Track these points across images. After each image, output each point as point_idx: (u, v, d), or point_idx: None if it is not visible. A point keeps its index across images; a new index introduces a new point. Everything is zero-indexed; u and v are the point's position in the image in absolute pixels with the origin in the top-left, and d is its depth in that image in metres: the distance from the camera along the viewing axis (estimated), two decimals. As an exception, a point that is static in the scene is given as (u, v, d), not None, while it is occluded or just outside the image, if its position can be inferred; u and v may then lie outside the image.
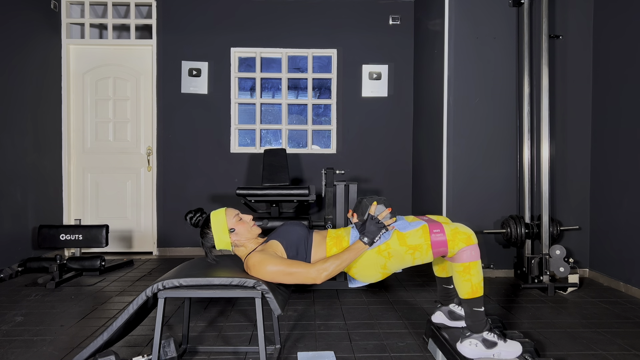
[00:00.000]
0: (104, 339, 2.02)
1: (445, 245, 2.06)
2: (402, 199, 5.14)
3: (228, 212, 2.19)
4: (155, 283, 1.99)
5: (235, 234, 2.14)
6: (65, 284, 3.72)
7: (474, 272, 2.08)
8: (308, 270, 1.98)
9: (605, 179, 3.75)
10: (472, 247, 2.08)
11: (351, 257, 2.02)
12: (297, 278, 1.98)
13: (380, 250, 2.07)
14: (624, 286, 3.48)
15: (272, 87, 5.14)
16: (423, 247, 2.06)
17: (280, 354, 2.33)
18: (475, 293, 2.09)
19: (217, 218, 2.15)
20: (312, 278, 1.98)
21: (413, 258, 2.08)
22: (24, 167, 4.26)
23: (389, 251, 2.07)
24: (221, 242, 2.14)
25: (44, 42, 4.61)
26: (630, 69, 3.46)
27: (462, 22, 3.89)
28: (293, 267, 1.98)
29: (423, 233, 2.07)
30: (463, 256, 2.07)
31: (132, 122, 5.01)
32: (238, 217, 2.17)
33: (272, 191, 3.98)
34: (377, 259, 2.09)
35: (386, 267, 2.10)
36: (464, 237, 2.06)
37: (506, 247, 3.98)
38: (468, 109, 3.92)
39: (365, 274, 2.14)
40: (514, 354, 2.05)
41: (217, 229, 2.14)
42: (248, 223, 2.17)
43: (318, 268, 1.98)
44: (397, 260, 2.08)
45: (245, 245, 2.16)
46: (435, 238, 2.06)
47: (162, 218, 4.97)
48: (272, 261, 1.98)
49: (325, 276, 1.98)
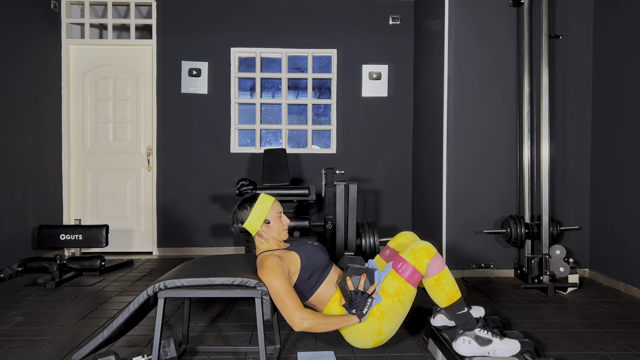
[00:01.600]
0: (104, 336, 2.03)
1: (415, 272, 2.09)
2: (402, 199, 5.14)
3: (275, 204, 2.22)
4: (156, 282, 1.99)
5: (268, 227, 2.18)
6: (65, 284, 3.72)
7: (444, 281, 2.12)
8: (293, 313, 1.97)
9: (605, 179, 3.75)
10: (435, 258, 2.12)
11: (339, 325, 2.04)
12: (282, 309, 2.00)
13: (373, 313, 2.10)
14: (624, 286, 3.49)
15: (272, 87, 5.14)
16: (402, 288, 2.09)
17: (280, 354, 2.33)
18: (452, 298, 2.13)
19: (263, 202, 2.18)
20: (292, 322, 1.98)
21: (402, 304, 2.11)
22: (24, 167, 4.26)
23: (381, 310, 2.09)
24: (252, 224, 2.17)
25: (44, 42, 4.61)
26: (630, 69, 3.46)
27: (462, 22, 3.89)
28: (286, 299, 1.98)
29: (393, 276, 2.11)
30: (431, 271, 2.12)
31: (132, 122, 5.01)
32: (279, 215, 2.21)
33: (272, 191, 3.98)
34: (371, 323, 2.11)
35: (381, 331, 2.13)
36: (423, 252, 2.10)
37: (506, 247, 3.98)
38: (468, 109, 3.92)
39: (357, 340, 2.18)
40: (510, 351, 2.05)
41: (257, 213, 2.16)
42: (283, 225, 2.21)
43: (303, 317, 1.97)
44: (391, 316, 2.11)
45: (268, 241, 2.19)
46: (405, 273, 2.10)
47: (162, 218, 4.97)
48: (280, 280, 1.99)
49: (304, 328, 1.98)
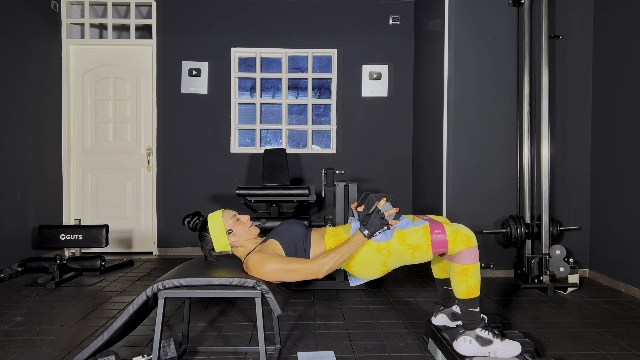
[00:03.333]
0: (104, 338, 2.03)
1: (445, 245, 2.06)
2: (402, 198, 5.14)
3: (225, 213, 2.17)
4: (155, 283, 1.98)
5: (234, 235, 2.12)
6: (65, 284, 3.72)
7: (471, 275, 2.09)
8: (309, 266, 1.97)
9: (605, 179, 3.75)
10: (472, 249, 2.08)
11: (350, 249, 2.01)
12: (298, 274, 1.97)
13: (380, 248, 2.07)
14: (624, 286, 3.49)
15: (272, 87, 5.14)
16: (423, 247, 2.06)
17: (280, 354, 2.33)
18: (470, 294, 2.10)
19: (214, 220, 2.14)
20: (314, 273, 1.97)
21: (413, 257, 2.08)
22: (24, 167, 4.26)
23: (389, 249, 2.06)
24: (220, 244, 2.12)
25: (44, 42, 4.61)
26: (630, 69, 3.46)
27: (462, 22, 3.89)
28: (293, 264, 1.97)
29: (424, 233, 2.07)
30: (462, 258, 2.08)
31: (132, 122, 5.01)
32: (235, 218, 2.15)
33: (272, 191, 3.98)
34: (376, 256, 2.08)
35: (386, 264, 2.10)
36: (465, 239, 2.06)
37: (506, 247, 3.98)
38: (468, 109, 3.92)
39: (365, 271, 2.13)
40: (511, 353, 2.04)
41: (215, 231, 2.12)
42: (246, 223, 2.16)
43: (319, 263, 1.97)
44: (396, 258, 2.09)
45: (244, 245, 2.14)
46: (436, 238, 2.06)
47: (162, 218, 4.97)
48: (272, 260, 1.97)
49: (326, 270, 1.97)
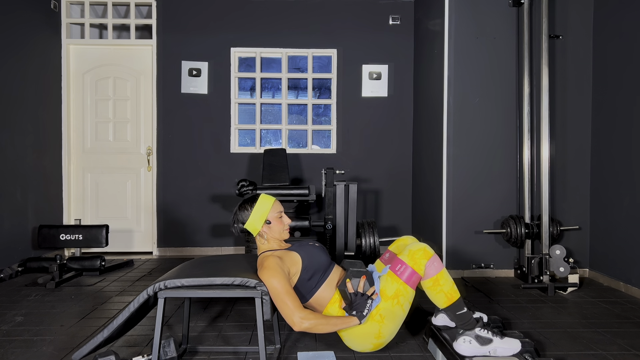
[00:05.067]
0: (104, 335, 2.03)
1: (414, 273, 2.09)
2: (402, 198, 5.14)
3: (276, 204, 2.22)
4: (156, 282, 1.99)
5: (269, 228, 2.18)
6: (65, 284, 3.72)
7: (443, 282, 2.12)
8: (293, 312, 1.97)
9: (605, 179, 3.75)
10: (432, 259, 2.12)
11: (339, 326, 2.04)
12: (282, 309, 1.99)
13: (372, 316, 2.09)
14: (624, 286, 3.49)
15: (272, 87, 5.14)
16: (401, 290, 2.09)
17: (280, 354, 2.33)
18: (451, 299, 2.12)
19: (263, 204, 2.18)
20: (292, 321, 1.98)
21: (401, 306, 2.10)
22: (24, 167, 4.26)
23: (380, 313, 2.09)
24: (253, 224, 2.17)
25: (44, 42, 4.61)
26: (630, 69, 3.46)
27: (462, 22, 3.89)
28: (286, 299, 1.98)
29: (392, 278, 2.11)
30: (429, 272, 2.11)
31: (132, 122, 5.01)
32: (280, 215, 2.22)
33: (272, 191, 3.98)
34: (370, 326, 2.11)
35: (380, 334, 2.12)
36: (421, 253, 2.10)
37: (506, 247, 3.98)
38: (468, 109, 3.92)
39: (356, 343, 2.18)
40: (511, 350, 2.05)
41: (258, 212, 2.16)
42: (284, 225, 2.22)
43: (302, 316, 1.97)
44: (390, 319, 2.11)
45: (269, 241, 2.20)
46: (403, 274, 2.09)
47: (162, 218, 4.97)
48: (281, 279, 1.99)
49: (304, 328, 1.98)
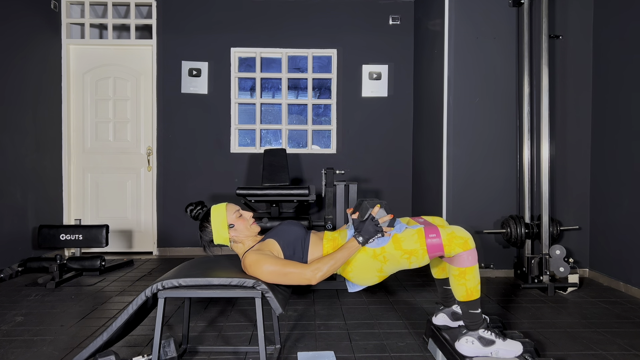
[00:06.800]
0: (103, 339, 2.02)
1: (441, 249, 2.04)
2: (402, 198, 5.14)
3: (229, 207, 2.17)
4: (154, 283, 1.98)
5: (234, 230, 2.12)
6: (65, 284, 3.72)
7: (469, 277, 2.07)
8: (303, 271, 1.96)
9: (605, 179, 3.74)
10: (469, 252, 2.05)
11: (344, 256, 2.00)
12: (292, 279, 1.97)
13: (376, 254, 2.06)
14: (624, 286, 3.48)
15: (272, 87, 5.14)
16: (419, 252, 2.04)
17: (280, 354, 2.33)
18: (470, 296, 2.08)
19: (217, 212, 2.13)
20: (307, 279, 1.96)
21: (409, 262, 2.07)
22: (24, 167, 4.26)
23: (385, 255, 2.05)
24: (220, 237, 2.12)
25: (44, 42, 4.61)
26: (630, 69, 3.46)
27: (462, 22, 3.89)
28: (288, 268, 1.96)
29: (419, 237, 2.04)
30: (460, 261, 2.05)
31: (132, 122, 5.01)
32: (238, 214, 2.16)
33: (272, 191, 3.98)
34: (372, 263, 2.07)
35: (382, 270, 2.09)
36: (461, 241, 2.03)
37: (506, 247, 3.98)
38: (468, 109, 3.92)
39: (362, 277, 2.13)
40: (513, 353, 2.04)
41: (217, 224, 2.12)
42: (248, 220, 2.16)
43: (313, 268, 1.96)
44: (392, 263, 2.07)
45: (243, 242, 2.14)
46: (431, 242, 2.04)
47: (162, 218, 4.97)
48: (269, 261, 1.97)
49: (320, 276, 1.96)
